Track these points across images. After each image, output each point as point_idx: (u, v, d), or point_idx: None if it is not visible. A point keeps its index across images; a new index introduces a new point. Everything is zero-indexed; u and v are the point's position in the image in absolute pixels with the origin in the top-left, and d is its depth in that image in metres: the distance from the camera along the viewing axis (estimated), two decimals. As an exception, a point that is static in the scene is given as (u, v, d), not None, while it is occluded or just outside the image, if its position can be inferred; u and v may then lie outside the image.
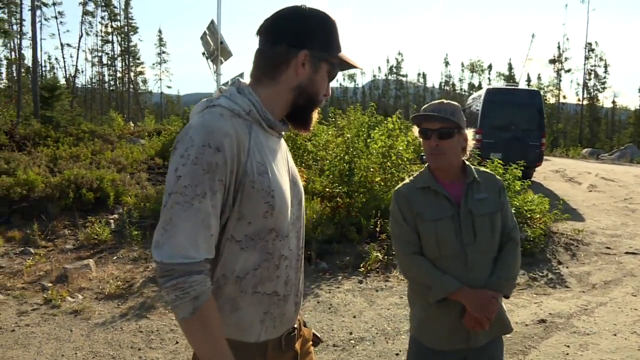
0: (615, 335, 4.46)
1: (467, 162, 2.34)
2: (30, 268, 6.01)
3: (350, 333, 4.48)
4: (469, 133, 2.32)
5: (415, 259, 2.21)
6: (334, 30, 1.48)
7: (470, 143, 2.33)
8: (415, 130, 2.34)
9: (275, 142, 1.49)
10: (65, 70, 60.43)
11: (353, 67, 1.54)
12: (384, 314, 4.91)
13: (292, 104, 1.47)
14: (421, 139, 2.31)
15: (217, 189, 1.29)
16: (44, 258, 6.39)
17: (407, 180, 2.38)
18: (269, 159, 1.41)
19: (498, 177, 2.40)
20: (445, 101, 2.32)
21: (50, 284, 5.56)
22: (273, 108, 1.45)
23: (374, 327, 4.60)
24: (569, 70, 58.97)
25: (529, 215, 7.44)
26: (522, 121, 13.04)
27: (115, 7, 50.54)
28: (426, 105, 2.34)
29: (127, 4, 51.05)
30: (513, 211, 6.99)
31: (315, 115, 1.53)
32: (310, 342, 1.72)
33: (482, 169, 2.40)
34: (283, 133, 1.55)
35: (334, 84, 1.62)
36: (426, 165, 2.37)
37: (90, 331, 4.48)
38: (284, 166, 1.50)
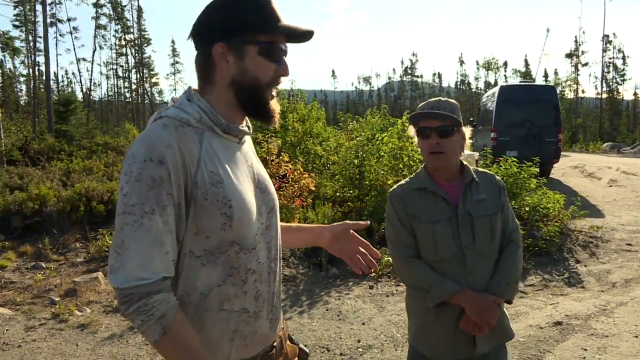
0: (636, 337, 4.27)
1: (465, 162, 2.26)
2: (41, 282, 6.01)
3: (359, 341, 4.37)
4: (467, 131, 2.23)
5: (413, 262, 2.12)
6: (255, 6, 1.34)
7: (468, 141, 2.24)
8: (411, 130, 2.25)
9: (235, 148, 1.40)
10: (82, 85, 61.53)
11: (299, 32, 1.38)
12: (393, 320, 4.78)
13: (237, 100, 1.37)
14: (417, 139, 2.22)
15: (166, 204, 1.21)
16: (54, 272, 6.40)
17: (402, 182, 2.29)
18: (224, 167, 1.32)
19: (498, 177, 2.30)
20: (442, 99, 2.23)
21: (59, 298, 5.55)
22: (225, 112, 1.37)
23: (383, 334, 4.48)
24: (586, 64, 57.95)
25: (544, 213, 7.25)
26: (537, 117, 12.82)
27: (127, 20, 51.17)
28: (423, 104, 2.25)
29: (139, 16, 51.71)
30: (527, 209, 6.83)
31: (274, 105, 1.41)
32: (296, 359, 1.62)
33: (481, 169, 2.31)
34: (245, 137, 1.46)
35: (348, 87, 1.46)
36: (423, 165, 2.28)
37: (96, 345, 4.44)
38: (246, 173, 1.41)
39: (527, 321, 4.63)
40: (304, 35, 1.41)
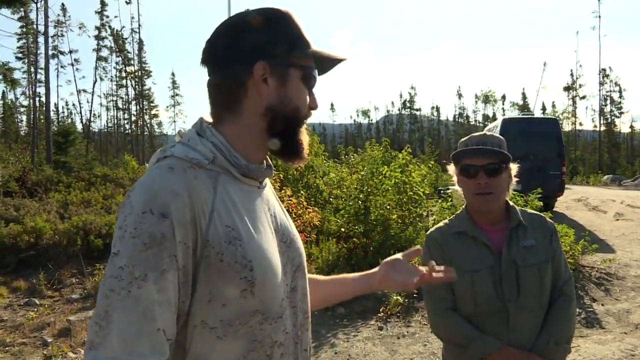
0: (666, 383, 4.01)
1: (511, 203, 2.02)
2: (33, 321, 5.73)
3: (371, 388, 4.10)
4: (514, 168, 2.00)
5: (449, 315, 1.90)
6: (293, 25, 1.13)
7: (514, 179, 2.02)
8: (452, 169, 2.02)
9: (255, 195, 1.16)
10: (82, 116, 61.78)
11: (335, 61, 1.19)
12: (407, 364, 4.52)
13: (269, 133, 1.14)
14: (458, 179, 1.99)
15: (166, 268, 0.97)
16: (48, 309, 6.13)
17: (441, 224, 2.07)
18: (243, 219, 1.08)
19: (549, 220, 2.06)
20: (488, 133, 2.01)
21: (52, 339, 5.27)
22: (246, 149, 1.13)
23: (397, 381, 4.22)
24: (584, 97, 58.56)
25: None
26: (540, 150, 12.73)
27: (128, 52, 51.73)
28: (466, 139, 2.02)
29: (140, 48, 52.21)
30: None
31: (305, 138, 1.18)
32: None
33: (530, 210, 2.07)
34: (266, 181, 1.22)
35: (347, 120, 1.26)
36: (463, 206, 2.05)
37: (90, 392, 4.15)
38: (269, 226, 1.16)
39: (549, 366, 4.37)
40: (331, 66, 1.23)
